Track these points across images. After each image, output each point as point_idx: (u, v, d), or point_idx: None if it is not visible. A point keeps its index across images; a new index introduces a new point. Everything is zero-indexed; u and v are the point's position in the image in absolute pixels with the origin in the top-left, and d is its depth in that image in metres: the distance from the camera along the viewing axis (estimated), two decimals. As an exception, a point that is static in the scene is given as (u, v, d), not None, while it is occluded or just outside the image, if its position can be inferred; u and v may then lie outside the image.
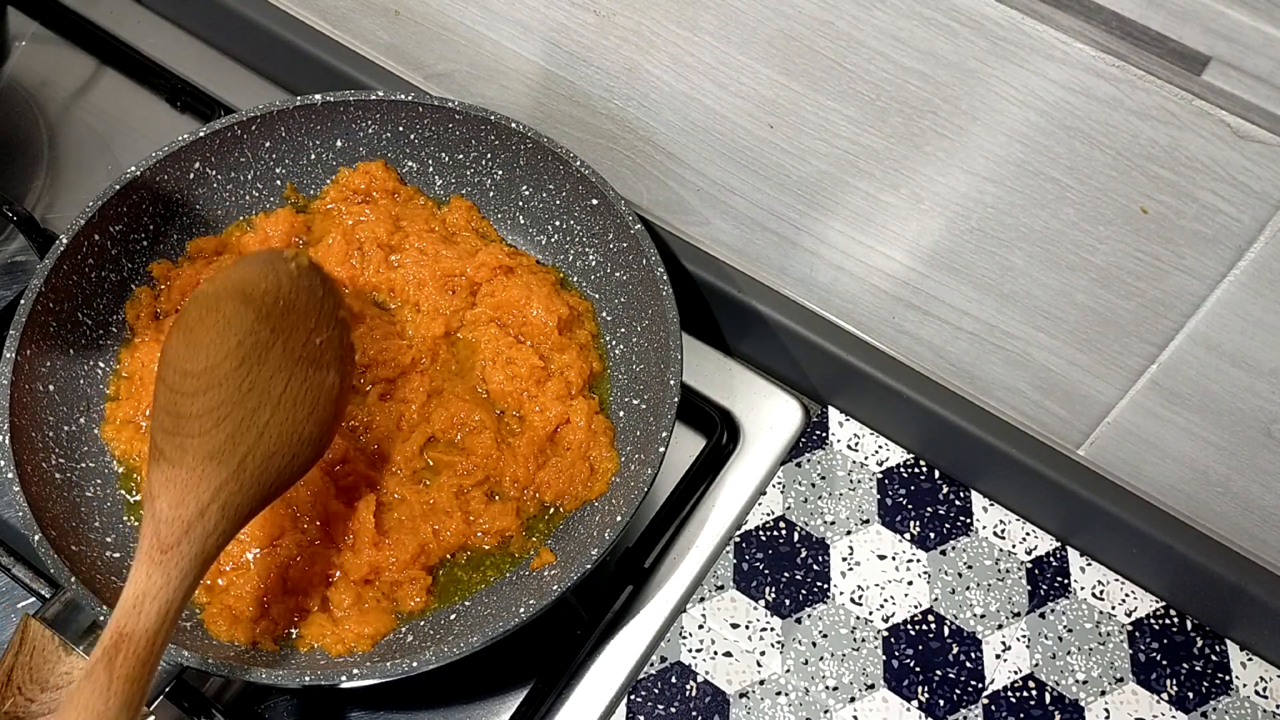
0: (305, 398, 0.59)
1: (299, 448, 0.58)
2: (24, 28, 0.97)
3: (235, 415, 0.56)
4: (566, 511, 0.70)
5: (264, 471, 0.57)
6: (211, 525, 0.54)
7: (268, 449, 0.57)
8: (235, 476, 0.55)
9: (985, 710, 0.71)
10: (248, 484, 0.56)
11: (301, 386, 0.59)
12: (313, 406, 0.59)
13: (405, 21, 0.82)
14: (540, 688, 0.70)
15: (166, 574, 0.53)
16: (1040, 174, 0.58)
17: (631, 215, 0.73)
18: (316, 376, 0.60)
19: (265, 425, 0.57)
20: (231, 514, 0.55)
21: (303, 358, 0.59)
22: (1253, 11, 0.46)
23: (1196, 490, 0.69)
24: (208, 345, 0.57)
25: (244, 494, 0.56)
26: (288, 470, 0.58)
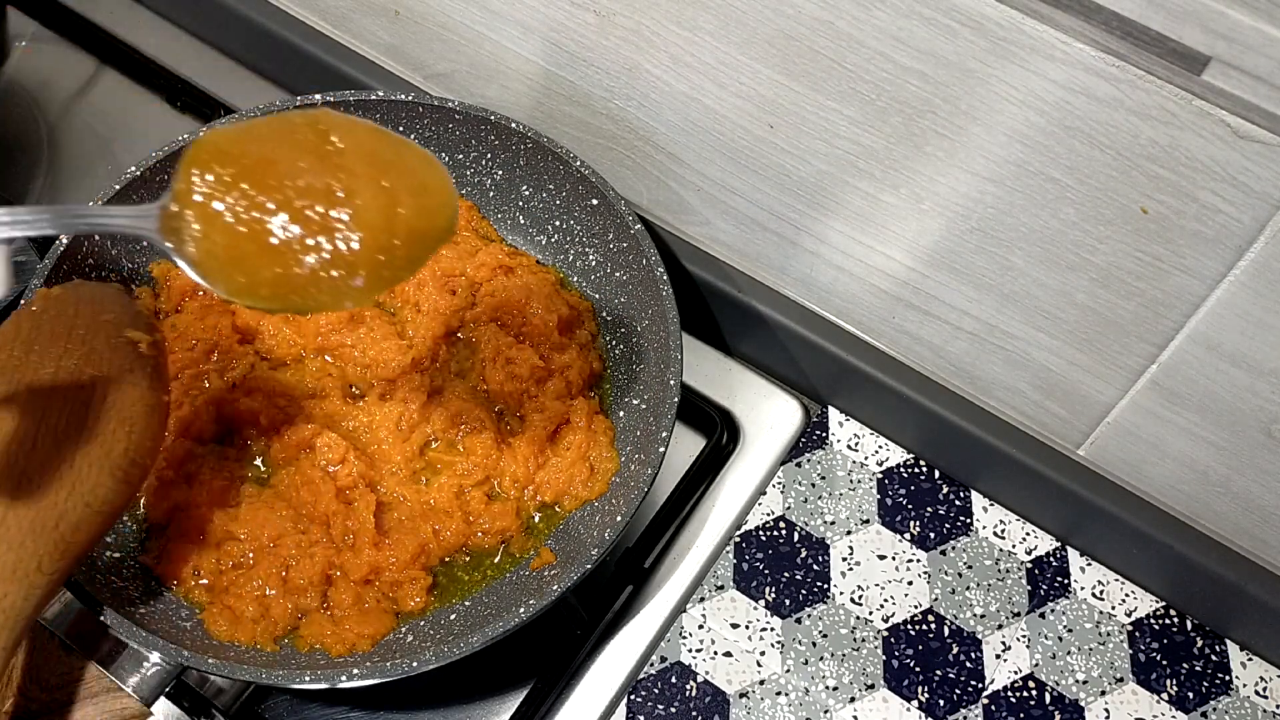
0: (69, 424, 0.56)
1: (77, 474, 0.55)
2: (24, 28, 0.97)
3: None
4: (566, 511, 0.70)
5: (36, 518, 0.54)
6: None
7: (30, 494, 0.54)
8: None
9: (985, 710, 0.71)
10: (19, 537, 0.53)
11: (59, 414, 0.56)
12: (80, 427, 0.56)
13: (405, 21, 0.82)
14: (540, 688, 0.70)
15: None
16: (1040, 174, 0.58)
17: (631, 215, 0.73)
18: (80, 395, 0.56)
19: (22, 473, 0.54)
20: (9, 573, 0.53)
21: (56, 384, 0.56)
22: (1253, 11, 0.46)
23: (1196, 490, 0.69)
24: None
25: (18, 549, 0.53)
26: (72, 501, 0.55)
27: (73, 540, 0.55)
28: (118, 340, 0.59)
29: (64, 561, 0.55)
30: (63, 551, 0.54)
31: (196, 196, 0.48)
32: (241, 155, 0.49)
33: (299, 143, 0.50)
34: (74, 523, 0.55)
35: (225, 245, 0.48)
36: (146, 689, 0.61)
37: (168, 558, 0.67)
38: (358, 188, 0.49)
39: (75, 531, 0.55)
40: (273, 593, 0.65)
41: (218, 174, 0.49)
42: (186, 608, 0.66)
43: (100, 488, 0.56)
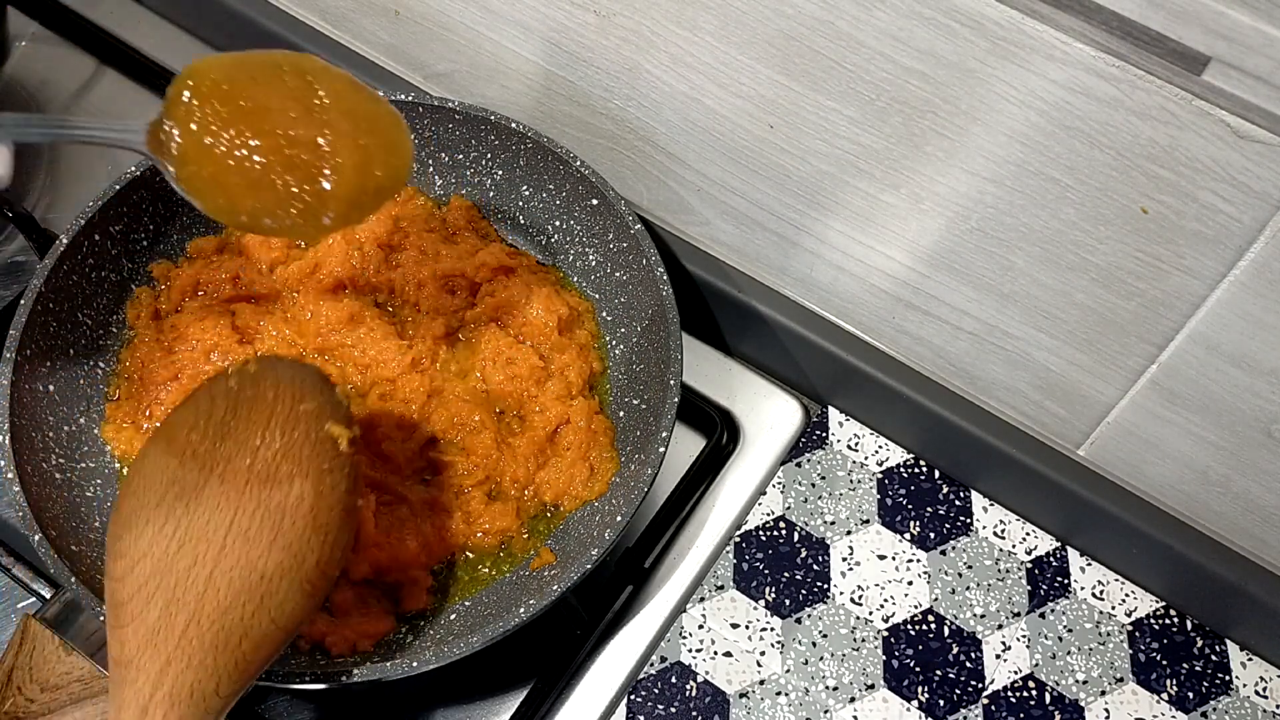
0: (260, 526, 0.50)
1: (267, 586, 0.49)
2: (24, 28, 0.97)
3: (166, 584, 0.48)
4: (566, 511, 0.70)
5: (221, 633, 0.48)
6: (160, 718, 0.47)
7: (217, 605, 0.48)
8: (179, 654, 0.47)
9: (985, 710, 0.71)
10: (199, 656, 0.48)
11: (253, 516, 0.50)
12: (275, 532, 0.50)
13: (405, 21, 0.82)
14: (540, 688, 0.70)
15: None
16: (1040, 174, 0.58)
17: (631, 215, 0.73)
18: (274, 495, 0.50)
19: (208, 580, 0.48)
20: (186, 698, 0.47)
21: (251, 479, 0.51)
22: (1253, 11, 0.46)
23: (1196, 490, 0.69)
24: (130, 515, 0.50)
25: (198, 668, 0.48)
26: (260, 617, 0.49)
27: (253, 659, 0.49)
28: (319, 435, 0.53)
29: (243, 681, 0.49)
30: (242, 671, 0.49)
31: (192, 125, 0.52)
32: (236, 95, 0.52)
33: (289, 91, 0.53)
34: (257, 640, 0.49)
35: (213, 173, 0.52)
36: (146, 689, 0.61)
37: (168, 558, 0.67)
38: (340, 145, 0.53)
39: (257, 650, 0.49)
40: (273, 593, 0.65)
41: (215, 109, 0.52)
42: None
43: (289, 603, 0.50)
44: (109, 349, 0.73)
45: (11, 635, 0.62)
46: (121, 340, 0.74)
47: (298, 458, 0.52)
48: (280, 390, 0.54)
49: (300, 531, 0.51)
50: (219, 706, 0.49)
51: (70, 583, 0.61)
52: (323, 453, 0.53)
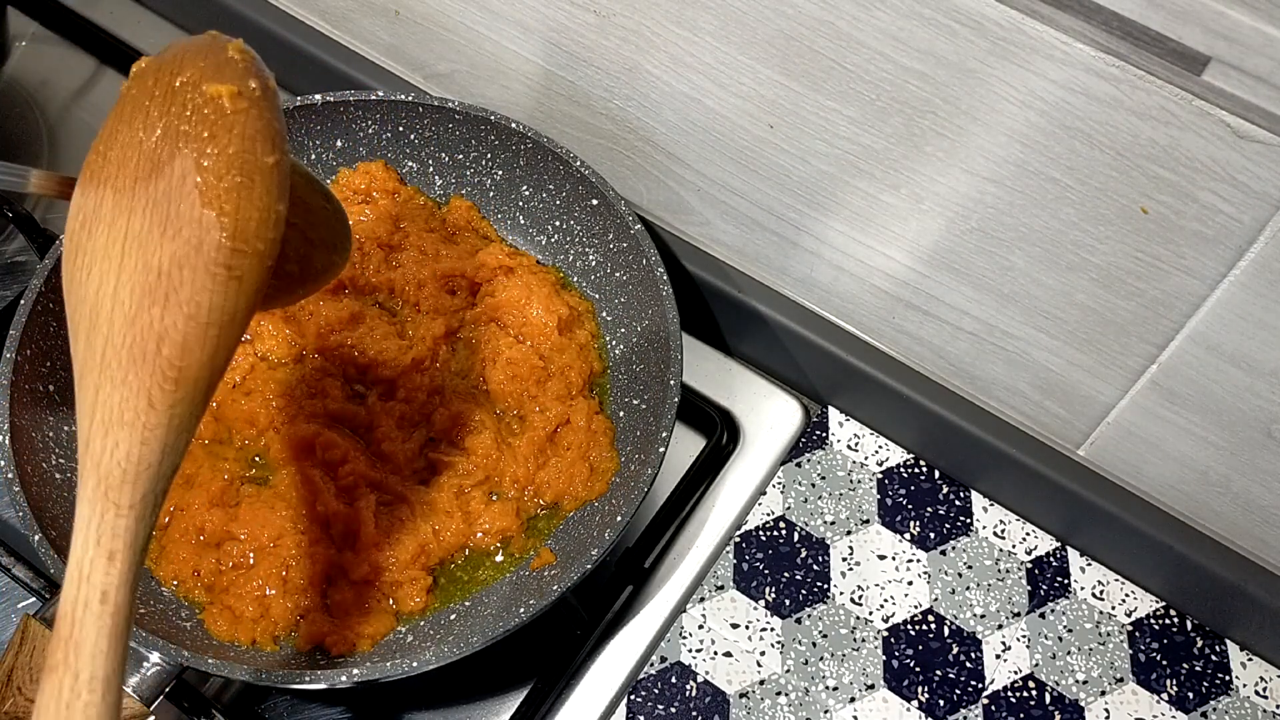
0: (150, 223, 0.45)
1: (169, 281, 0.45)
2: (24, 28, 0.97)
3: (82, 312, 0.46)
4: (567, 512, 0.70)
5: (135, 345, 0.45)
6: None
7: (124, 318, 0.45)
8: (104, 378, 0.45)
9: (985, 710, 0.71)
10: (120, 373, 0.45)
11: (142, 216, 0.46)
12: (164, 222, 0.45)
13: (405, 21, 0.82)
14: (540, 688, 0.70)
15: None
16: (1040, 174, 0.58)
17: (631, 215, 0.73)
18: (159, 185, 0.46)
19: (113, 296, 0.45)
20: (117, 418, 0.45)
21: (137, 180, 0.46)
22: (1253, 11, 0.46)
23: (1196, 490, 0.69)
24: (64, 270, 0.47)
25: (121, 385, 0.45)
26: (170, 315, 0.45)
27: (184, 364, 0.45)
28: (197, 102, 0.47)
29: (180, 390, 0.45)
30: (175, 379, 0.44)
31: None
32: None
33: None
34: (179, 342, 0.45)
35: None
36: (146, 689, 0.61)
37: (168, 558, 0.67)
38: (290, 236, 0.49)
39: (184, 353, 0.45)
40: (273, 593, 0.65)
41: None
42: (186, 608, 0.66)
43: (200, 293, 0.45)
44: (109, 349, 0.73)
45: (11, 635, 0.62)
46: (121, 340, 0.74)
47: (175, 134, 0.46)
48: (160, 74, 0.49)
49: (189, 212, 0.45)
50: (161, 420, 0.45)
51: (70, 583, 0.61)
52: (203, 119, 0.46)
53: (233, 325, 0.46)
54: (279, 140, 0.47)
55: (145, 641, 0.60)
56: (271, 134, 0.47)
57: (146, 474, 0.45)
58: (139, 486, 0.44)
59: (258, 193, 0.46)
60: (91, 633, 0.42)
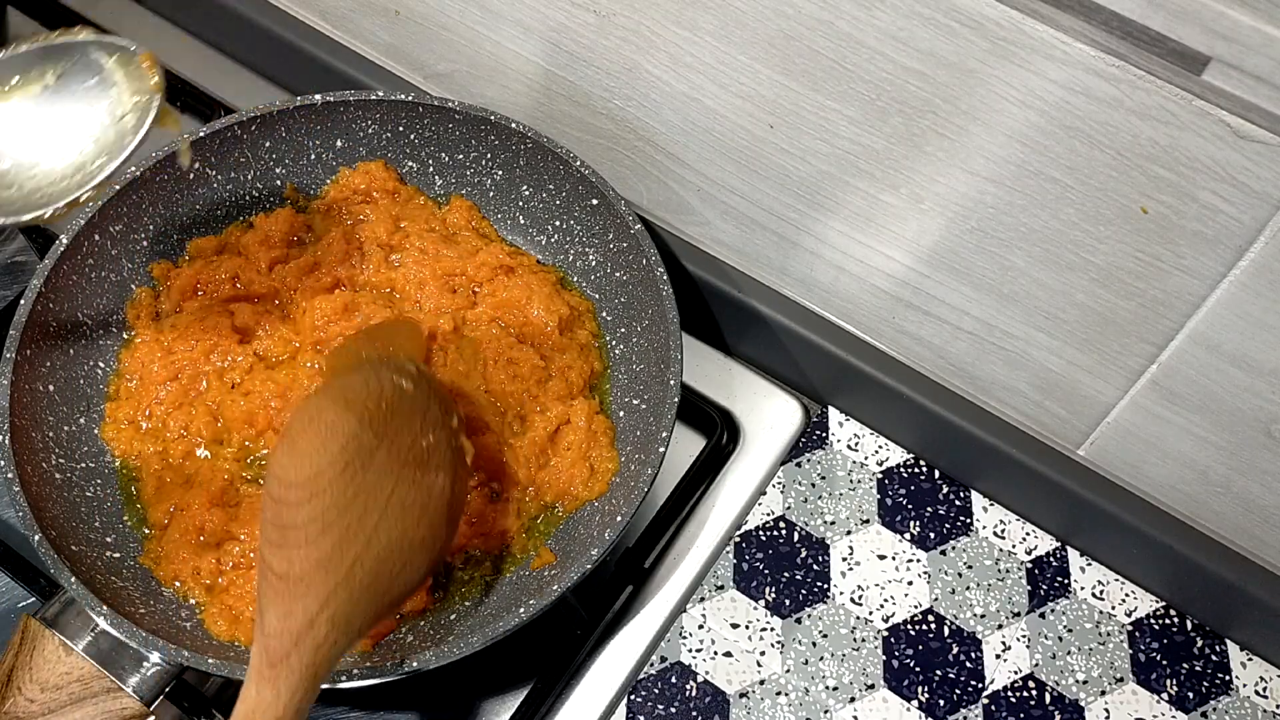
0: (414, 501, 0.57)
1: (410, 554, 0.56)
2: (24, 28, 0.97)
3: (341, 521, 0.54)
4: (567, 512, 0.70)
5: (375, 579, 0.54)
6: (321, 635, 0.52)
7: (377, 555, 0.55)
8: (345, 584, 0.53)
9: (985, 710, 0.71)
10: (357, 592, 0.53)
11: (410, 489, 0.57)
12: (422, 510, 0.57)
13: (405, 21, 0.82)
14: (540, 688, 0.70)
15: (276, 689, 0.50)
16: (1040, 174, 0.58)
17: (631, 215, 0.73)
18: (426, 479, 0.58)
19: (373, 530, 0.55)
20: (342, 624, 0.53)
21: (409, 461, 0.57)
22: (1253, 11, 0.46)
23: (1196, 490, 0.69)
24: (310, 453, 0.55)
25: (354, 603, 0.53)
26: (400, 578, 0.56)
27: (381, 615, 0.56)
28: (457, 443, 0.62)
29: (362, 634, 0.55)
30: (370, 623, 0.55)
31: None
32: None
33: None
34: (392, 598, 0.56)
35: None
36: (146, 689, 0.61)
37: (168, 558, 0.67)
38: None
39: (390, 607, 0.56)
40: (273, 593, 0.65)
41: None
42: (186, 608, 0.66)
43: (417, 574, 0.57)
44: (109, 349, 0.73)
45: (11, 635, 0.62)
46: (121, 340, 0.74)
47: (443, 455, 0.60)
48: (433, 395, 0.62)
49: (440, 515, 0.58)
50: (349, 643, 0.53)
51: (70, 583, 0.61)
52: (458, 459, 0.61)
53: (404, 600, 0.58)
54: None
55: (145, 641, 0.60)
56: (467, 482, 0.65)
57: (326, 674, 0.53)
58: (321, 681, 0.53)
59: (458, 524, 0.62)
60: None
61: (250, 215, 0.79)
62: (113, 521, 0.68)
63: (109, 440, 0.71)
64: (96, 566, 0.64)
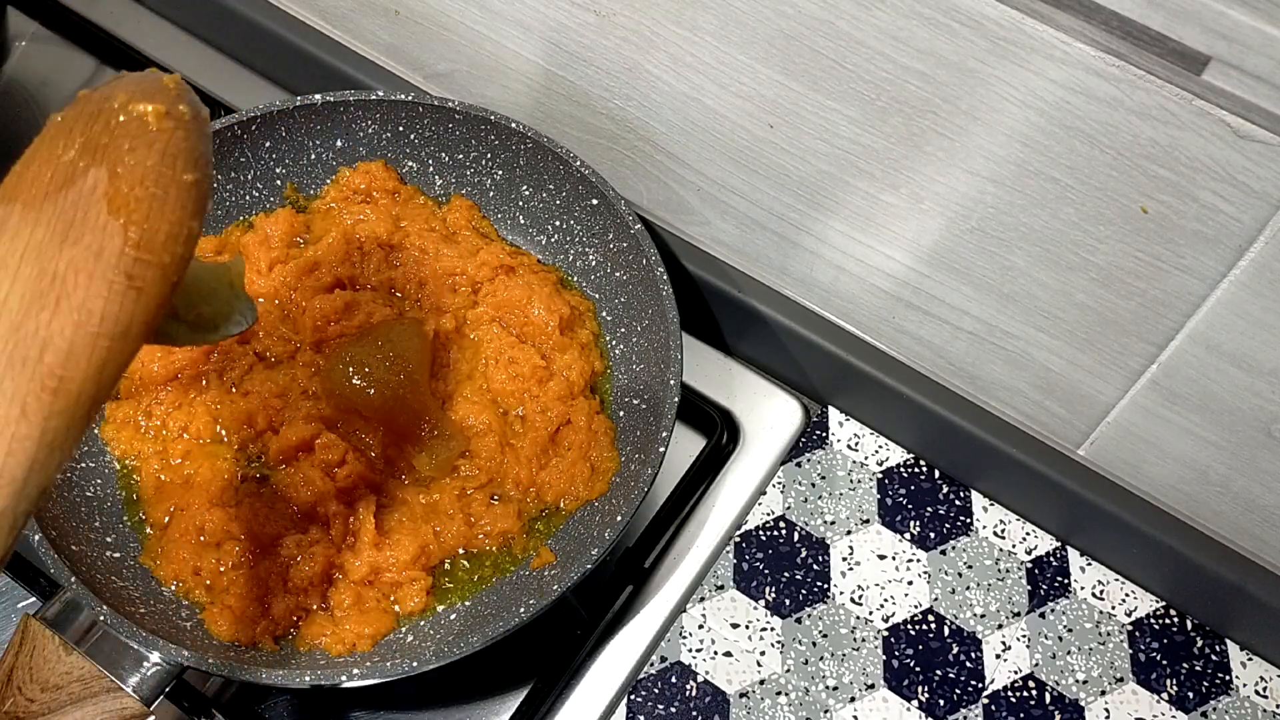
0: (52, 230, 0.45)
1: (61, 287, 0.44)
2: (24, 28, 0.97)
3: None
4: (567, 512, 0.70)
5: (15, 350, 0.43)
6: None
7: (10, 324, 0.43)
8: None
9: (985, 710, 0.71)
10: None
11: (47, 225, 0.45)
12: (66, 229, 0.44)
13: (405, 21, 0.82)
14: (540, 688, 0.70)
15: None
16: (1040, 174, 0.58)
17: (631, 215, 0.73)
18: (69, 195, 0.45)
19: (3, 304, 0.43)
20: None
21: (49, 192, 0.46)
22: (1253, 11, 0.46)
23: (1196, 490, 0.69)
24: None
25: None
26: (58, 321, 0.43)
27: (65, 374, 0.43)
28: (121, 121, 0.47)
29: (58, 401, 0.43)
30: (53, 389, 0.43)
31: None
32: None
33: None
34: (64, 349, 0.43)
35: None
36: (146, 689, 0.61)
37: (168, 558, 0.67)
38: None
39: (67, 362, 0.43)
40: (273, 593, 0.65)
41: None
42: (186, 608, 0.66)
43: (94, 298, 0.43)
44: (109, 349, 0.73)
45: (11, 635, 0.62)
46: (121, 340, 0.74)
47: (94, 148, 0.46)
48: (91, 100, 0.49)
49: (95, 219, 0.45)
50: (35, 432, 0.43)
51: (70, 583, 0.61)
52: (125, 133, 0.46)
53: (125, 339, 0.44)
54: (202, 162, 0.47)
55: (145, 641, 0.60)
56: (195, 154, 0.47)
57: (9, 489, 0.42)
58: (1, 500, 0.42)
59: (170, 206, 0.45)
60: None
61: (250, 215, 0.79)
62: (113, 521, 0.68)
63: (109, 440, 0.71)
64: (96, 566, 0.64)
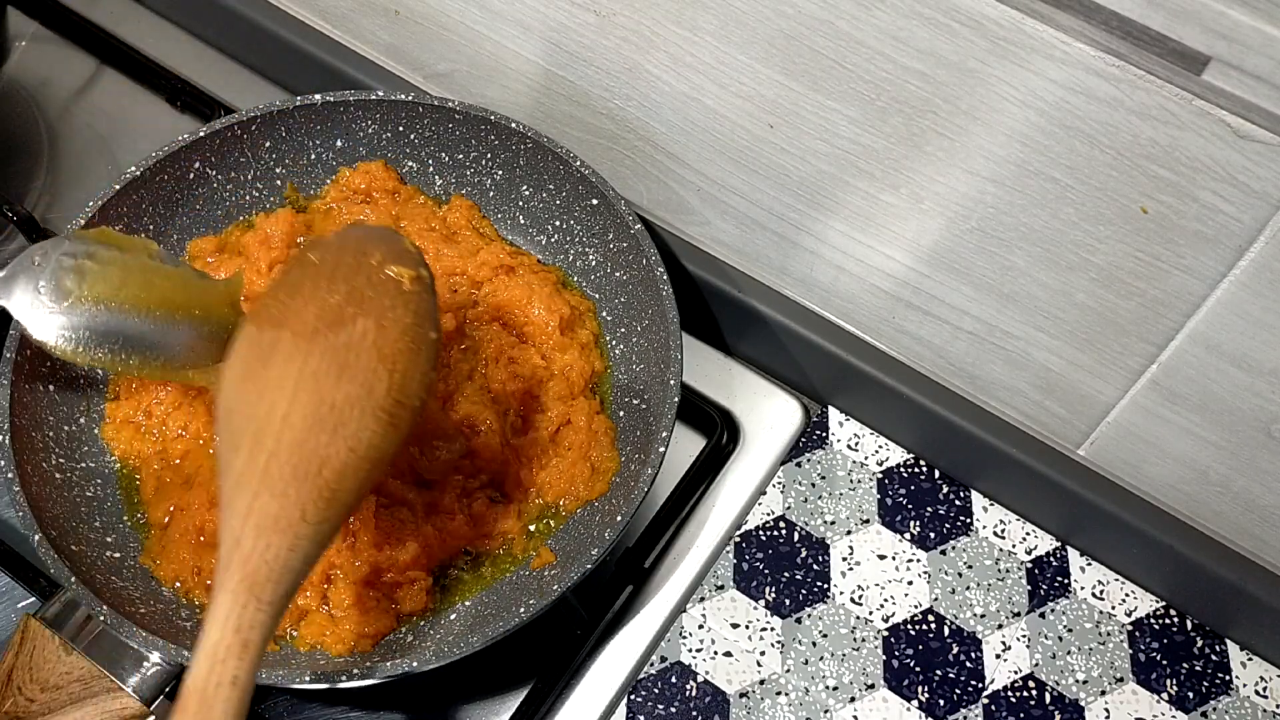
0: (328, 365, 0.54)
1: (339, 415, 0.53)
2: (24, 28, 0.97)
3: (249, 429, 0.52)
4: (568, 512, 0.70)
5: (299, 463, 0.52)
6: (249, 545, 0.50)
7: (293, 439, 0.52)
8: (263, 487, 0.51)
9: (985, 710, 0.71)
10: (281, 485, 0.51)
11: (320, 358, 0.54)
12: (341, 367, 0.54)
13: (405, 21, 0.82)
14: (540, 688, 0.70)
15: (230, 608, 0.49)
16: (1040, 174, 0.58)
17: (631, 215, 0.73)
18: (341, 336, 0.54)
19: (284, 419, 0.52)
20: (271, 523, 0.51)
21: (318, 329, 0.55)
22: (1253, 11, 0.46)
23: (1196, 490, 0.69)
24: (224, 392, 0.54)
25: (280, 496, 0.51)
26: (335, 445, 0.52)
27: (338, 488, 0.52)
28: (381, 278, 0.57)
29: (330, 510, 0.52)
30: (328, 499, 0.51)
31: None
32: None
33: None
34: (338, 469, 0.52)
35: None
36: (146, 689, 0.61)
37: (168, 558, 0.67)
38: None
39: (340, 478, 0.52)
40: (273, 593, 0.65)
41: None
42: (186, 608, 0.66)
43: (364, 430, 0.53)
44: (109, 349, 0.73)
45: (11, 635, 0.62)
46: (121, 340, 0.74)
47: (360, 300, 0.56)
48: (346, 248, 0.58)
49: (366, 363, 0.54)
50: (310, 532, 0.51)
51: (70, 583, 0.61)
52: (385, 292, 0.56)
53: (380, 463, 0.54)
54: (437, 322, 0.58)
55: (145, 641, 0.60)
56: (434, 315, 0.58)
57: (289, 576, 0.50)
58: (280, 586, 0.50)
59: (422, 359, 0.56)
60: (219, 709, 0.47)
61: (250, 215, 0.79)
62: (113, 521, 0.68)
63: (109, 440, 0.71)
64: (96, 566, 0.64)
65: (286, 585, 0.50)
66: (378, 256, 0.58)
